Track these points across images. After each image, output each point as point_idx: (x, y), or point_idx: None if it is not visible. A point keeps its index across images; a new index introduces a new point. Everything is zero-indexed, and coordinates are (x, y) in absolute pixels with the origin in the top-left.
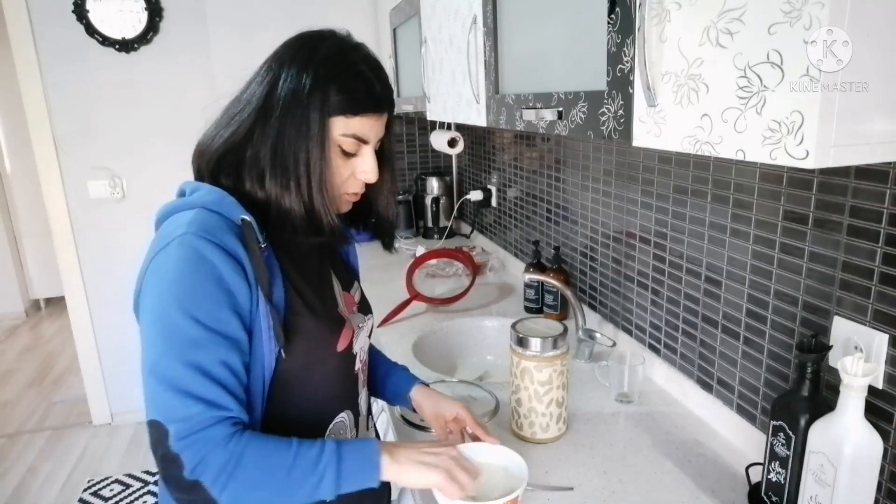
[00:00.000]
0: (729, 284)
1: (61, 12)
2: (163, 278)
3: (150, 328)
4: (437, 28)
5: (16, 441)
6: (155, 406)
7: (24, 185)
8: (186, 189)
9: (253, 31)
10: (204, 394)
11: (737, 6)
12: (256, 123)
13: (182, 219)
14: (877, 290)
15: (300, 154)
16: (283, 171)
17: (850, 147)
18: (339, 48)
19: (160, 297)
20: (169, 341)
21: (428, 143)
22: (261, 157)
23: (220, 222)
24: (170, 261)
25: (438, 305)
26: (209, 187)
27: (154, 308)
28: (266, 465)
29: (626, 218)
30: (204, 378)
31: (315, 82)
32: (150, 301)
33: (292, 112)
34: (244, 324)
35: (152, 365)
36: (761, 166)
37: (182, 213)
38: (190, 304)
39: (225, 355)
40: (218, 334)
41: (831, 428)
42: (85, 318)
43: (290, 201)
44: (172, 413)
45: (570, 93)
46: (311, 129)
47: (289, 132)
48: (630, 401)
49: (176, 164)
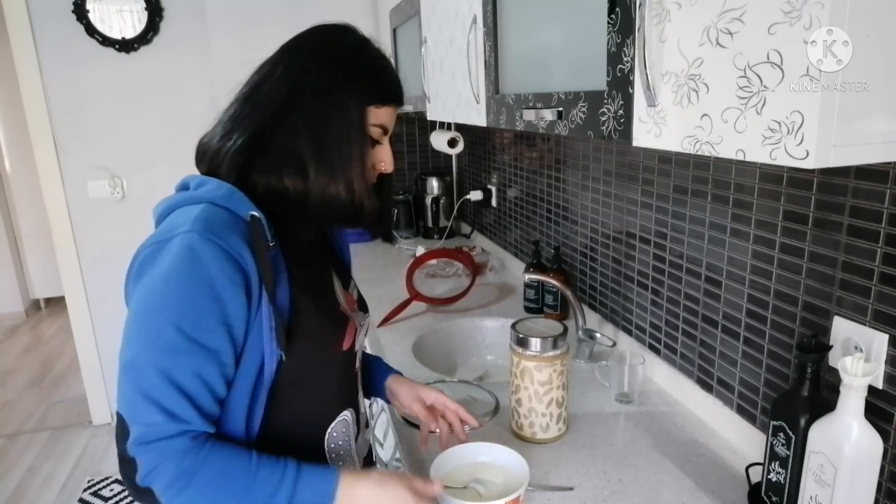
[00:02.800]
0: (729, 284)
1: (61, 12)
2: (156, 276)
3: (134, 323)
4: (437, 28)
5: (16, 441)
6: (122, 401)
7: (24, 185)
8: (191, 183)
9: (253, 31)
10: (169, 405)
11: (737, 6)
12: (284, 117)
13: (188, 213)
14: (877, 290)
15: (343, 143)
16: (328, 161)
17: (850, 147)
18: (362, 41)
19: (149, 295)
20: (147, 343)
21: (428, 143)
22: (300, 150)
23: (228, 219)
24: (167, 258)
25: (438, 305)
26: (217, 181)
27: (141, 305)
28: (221, 484)
29: (626, 218)
30: (172, 388)
31: (348, 73)
32: (139, 295)
33: (329, 102)
34: (232, 335)
35: (127, 361)
36: (761, 166)
37: (189, 206)
38: (175, 310)
39: (200, 367)
40: (197, 344)
41: (831, 428)
42: (85, 318)
43: (338, 190)
44: (136, 415)
45: (570, 93)
46: (350, 118)
47: (327, 122)
48: (630, 401)
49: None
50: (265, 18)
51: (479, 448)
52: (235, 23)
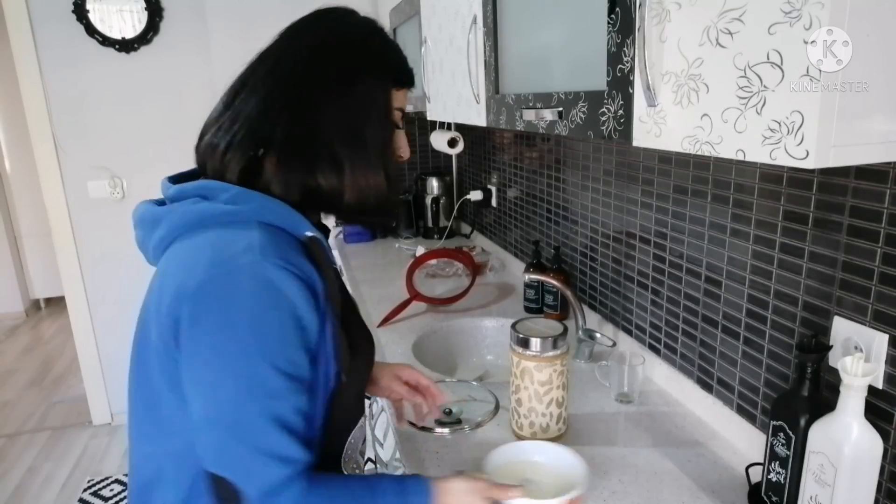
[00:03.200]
0: (729, 284)
1: (61, 12)
2: (237, 318)
3: (220, 372)
4: (437, 28)
5: (16, 441)
6: (224, 461)
7: (24, 185)
8: (218, 194)
9: (253, 31)
10: (284, 451)
11: (737, 6)
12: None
13: (241, 236)
14: (877, 290)
15: (377, 131)
16: (364, 151)
17: (850, 147)
18: (371, 21)
19: (235, 340)
20: (251, 393)
21: (428, 143)
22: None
23: (288, 240)
24: (244, 294)
25: (438, 305)
26: (261, 196)
27: (226, 351)
28: None
29: (626, 218)
30: (283, 432)
31: (369, 57)
32: (218, 340)
33: (356, 90)
34: (311, 358)
35: (223, 415)
36: (761, 166)
37: (237, 228)
38: (272, 352)
39: (301, 402)
40: (295, 380)
41: (831, 428)
42: (85, 318)
43: (376, 181)
44: (249, 475)
45: (570, 93)
46: (379, 103)
47: (357, 111)
48: (630, 401)
49: (176, 164)
50: (265, 18)
51: (534, 447)
52: (235, 23)
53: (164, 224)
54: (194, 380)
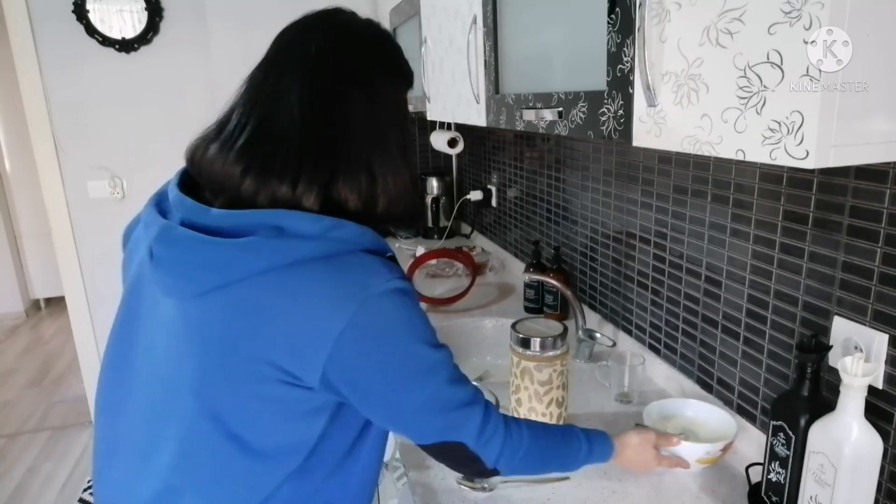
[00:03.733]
0: (729, 284)
1: (61, 12)
2: (394, 330)
3: (404, 377)
4: (437, 28)
5: (16, 441)
6: (438, 433)
7: (24, 185)
8: (302, 225)
9: (253, 31)
10: (468, 397)
11: (737, 6)
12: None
13: (359, 267)
14: (877, 290)
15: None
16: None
17: (850, 147)
18: (377, 23)
19: (402, 347)
20: (430, 375)
21: (428, 143)
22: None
23: (383, 261)
24: (392, 311)
25: (438, 305)
26: (353, 224)
27: (398, 361)
28: (539, 451)
29: (626, 218)
30: (458, 385)
31: (380, 57)
32: (389, 358)
33: (379, 94)
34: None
35: (423, 402)
36: (761, 166)
37: (347, 260)
38: (427, 335)
39: (453, 360)
40: (445, 347)
41: (831, 428)
42: (85, 318)
43: (405, 185)
44: (460, 430)
45: (570, 93)
46: (400, 106)
47: (382, 115)
48: (630, 401)
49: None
50: (265, 18)
51: (685, 403)
52: (235, 23)
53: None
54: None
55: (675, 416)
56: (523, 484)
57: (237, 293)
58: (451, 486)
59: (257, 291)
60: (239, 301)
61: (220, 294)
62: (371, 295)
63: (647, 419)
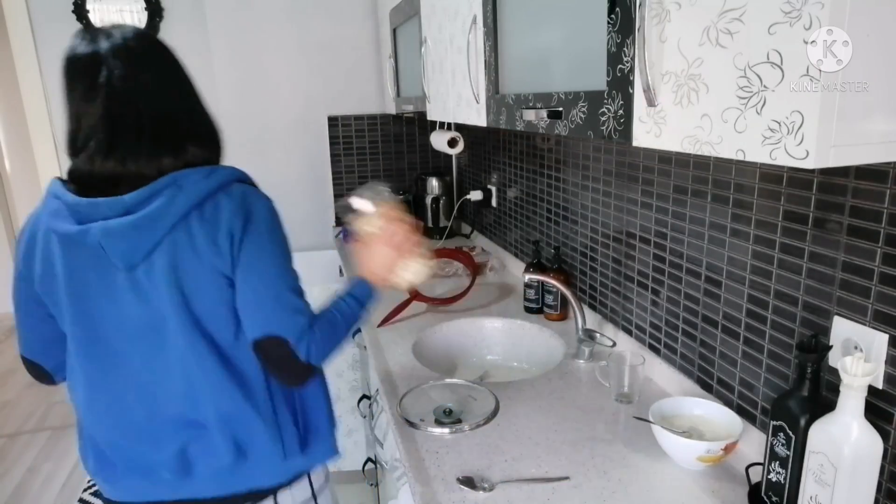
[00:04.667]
0: (729, 284)
1: (61, 12)
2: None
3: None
4: (437, 28)
5: (16, 441)
6: (271, 324)
7: (24, 185)
8: (194, 176)
9: (253, 32)
10: (303, 306)
11: (737, 6)
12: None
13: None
14: (877, 290)
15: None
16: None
17: (850, 147)
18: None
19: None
20: (280, 277)
21: (428, 143)
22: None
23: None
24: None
25: (438, 305)
26: (226, 167)
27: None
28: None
29: (626, 218)
30: (299, 295)
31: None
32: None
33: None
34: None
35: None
36: (761, 166)
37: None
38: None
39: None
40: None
41: (831, 428)
42: None
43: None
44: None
45: (570, 93)
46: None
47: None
48: (630, 401)
49: None
50: (265, 18)
51: (693, 402)
52: (235, 23)
53: (168, 216)
54: (253, 271)
55: (683, 415)
56: (523, 483)
57: (176, 236)
58: (451, 486)
59: (186, 228)
60: (181, 240)
61: (166, 243)
62: (252, 210)
63: (655, 417)
